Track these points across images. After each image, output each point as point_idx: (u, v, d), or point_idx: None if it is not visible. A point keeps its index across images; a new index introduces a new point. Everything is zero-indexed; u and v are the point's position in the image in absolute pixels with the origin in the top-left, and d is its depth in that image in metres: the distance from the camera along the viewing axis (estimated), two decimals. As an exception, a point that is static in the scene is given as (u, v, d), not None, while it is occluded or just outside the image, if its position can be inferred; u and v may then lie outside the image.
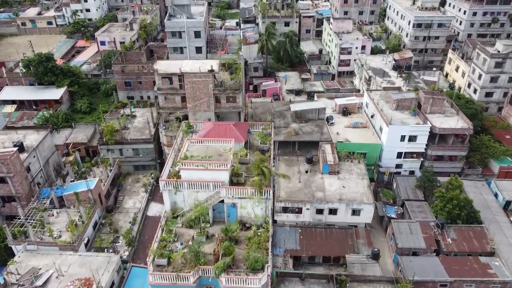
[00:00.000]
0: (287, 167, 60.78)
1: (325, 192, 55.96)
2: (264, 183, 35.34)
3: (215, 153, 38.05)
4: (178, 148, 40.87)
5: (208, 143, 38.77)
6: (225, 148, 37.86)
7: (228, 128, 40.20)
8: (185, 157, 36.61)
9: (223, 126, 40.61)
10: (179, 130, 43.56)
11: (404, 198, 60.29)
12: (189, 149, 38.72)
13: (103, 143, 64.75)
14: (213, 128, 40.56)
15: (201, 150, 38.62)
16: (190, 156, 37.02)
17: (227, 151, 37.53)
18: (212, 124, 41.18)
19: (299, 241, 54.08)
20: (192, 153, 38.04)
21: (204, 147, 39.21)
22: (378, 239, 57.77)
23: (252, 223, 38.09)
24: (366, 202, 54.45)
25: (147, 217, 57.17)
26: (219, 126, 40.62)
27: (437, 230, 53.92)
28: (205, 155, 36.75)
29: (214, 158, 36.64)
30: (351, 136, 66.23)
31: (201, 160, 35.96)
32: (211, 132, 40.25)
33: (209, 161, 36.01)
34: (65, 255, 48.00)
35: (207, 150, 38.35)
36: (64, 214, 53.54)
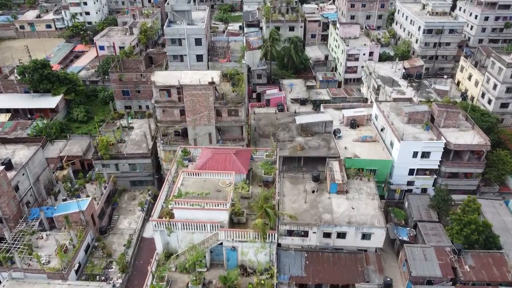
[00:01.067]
0: (292, 185, 57.16)
1: (332, 214, 52.30)
2: (268, 225, 31.62)
3: (213, 188, 34.56)
4: (173, 179, 37.18)
5: (205, 175, 35.12)
6: (225, 182, 34.20)
7: (228, 158, 36.52)
8: (178, 195, 32.97)
9: (223, 155, 36.93)
10: (174, 158, 39.87)
11: (416, 219, 56.55)
12: (184, 183, 35.09)
13: (97, 158, 61.34)
14: (212, 158, 36.91)
15: (197, 184, 35.04)
16: (184, 192, 33.37)
17: (227, 186, 33.95)
18: (211, 152, 37.52)
19: (305, 267, 50.49)
20: (188, 187, 34.40)
21: (201, 181, 35.58)
22: (389, 264, 54.12)
23: (254, 269, 34.23)
24: (377, 226, 50.74)
25: (143, 239, 53.76)
26: (218, 156, 36.94)
27: (454, 257, 50.16)
28: (201, 192, 33.06)
29: (212, 194, 32.98)
30: (359, 151, 62.54)
31: (197, 198, 32.32)
32: (209, 163, 36.55)
33: (206, 199, 32.38)
34: (53, 284, 44.62)
35: (204, 185, 34.70)
36: (56, 236, 50.15)
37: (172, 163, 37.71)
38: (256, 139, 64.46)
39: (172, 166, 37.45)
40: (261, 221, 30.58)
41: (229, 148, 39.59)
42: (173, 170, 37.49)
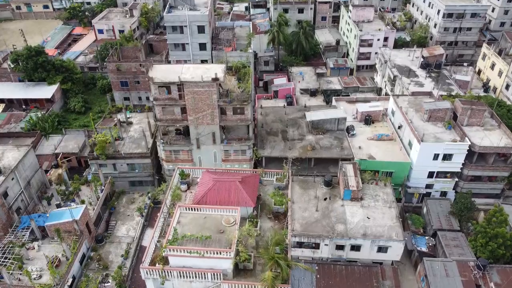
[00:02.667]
0: (302, 191, 52.84)
1: (346, 225, 48.18)
2: (280, 276, 27.38)
3: (215, 227, 30.15)
4: (168, 211, 32.78)
5: (206, 210, 30.68)
6: (228, 220, 29.86)
7: (233, 187, 31.98)
8: (174, 239, 28.76)
9: (227, 183, 32.39)
10: (170, 183, 35.20)
11: (436, 228, 52.36)
12: (180, 220, 30.81)
13: (93, 158, 57.32)
14: (213, 187, 32.46)
15: (196, 222, 30.60)
16: (181, 236, 29.10)
17: (231, 225, 29.71)
18: (212, 180, 33.05)
19: (316, 282, 46.74)
20: (185, 226, 30.14)
21: (200, 218, 31.00)
22: (406, 277, 50.33)
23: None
24: (395, 239, 46.63)
25: (141, 248, 50.08)
26: (221, 184, 32.43)
27: (478, 272, 46.17)
28: (200, 235, 28.72)
29: (213, 237, 28.72)
30: (375, 152, 57.90)
31: (196, 243, 28.09)
32: (210, 193, 32.08)
33: (207, 247, 28.14)
34: (44, 303, 41.36)
35: (204, 223, 30.35)
36: (47, 247, 46.82)
37: (168, 190, 33.25)
38: (263, 137, 59.99)
39: (167, 193, 33.03)
40: (271, 274, 26.40)
41: (234, 173, 34.52)
42: (168, 200, 32.97)
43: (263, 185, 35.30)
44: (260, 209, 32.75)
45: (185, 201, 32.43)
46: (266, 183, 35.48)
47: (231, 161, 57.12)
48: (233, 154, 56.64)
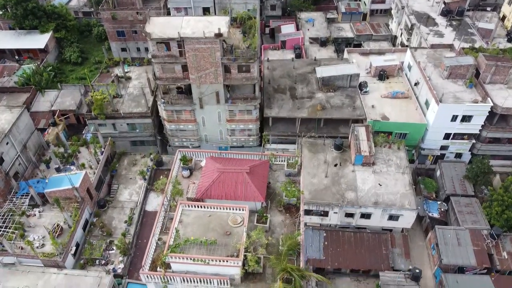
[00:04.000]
0: (311, 155, 50.44)
1: (357, 192, 46.26)
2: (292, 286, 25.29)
3: (220, 227, 27.58)
4: (169, 203, 30.09)
5: (210, 208, 28.06)
6: (235, 220, 27.31)
7: (240, 179, 28.98)
8: (175, 246, 26.39)
9: (233, 174, 29.34)
10: (171, 171, 31.95)
11: (449, 193, 50.42)
12: (183, 219, 28.37)
13: (91, 118, 54.49)
14: (218, 179, 29.55)
15: (200, 223, 27.97)
16: (183, 241, 26.71)
17: (238, 226, 27.31)
18: (217, 170, 29.99)
19: (324, 249, 45.89)
20: (187, 227, 27.74)
21: (204, 216, 28.32)
22: (416, 243, 49.32)
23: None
24: (408, 208, 44.87)
25: (145, 213, 48.89)
26: (226, 175, 29.42)
27: (491, 241, 44.89)
28: (204, 239, 26.30)
29: (219, 241, 26.37)
30: (389, 111, 54.45)
31: (200, 248, 25.84)
32: (215, 186, 29.22)
33: (211, 255, 25.82)
34: (49, 273, 40.81)
35: (208, 223, 27.93)
36: (49, 214, 45.61)
37: (169, 179, 30.30)
38: (270, 95, 56.42)
39: (167, 186, 30.23)
40: (282, 286, 24.38)
41: (241, 159, 31.13)
42: (168, 190, 30.20)
43: (272, 170, 32.56)
44: (270, 200, 30.37)
45: (188, 193, 30.05)
46: (276, 168, 32.70)
47: (236, 121, 54.20)
48: (238, 114, 53.56)
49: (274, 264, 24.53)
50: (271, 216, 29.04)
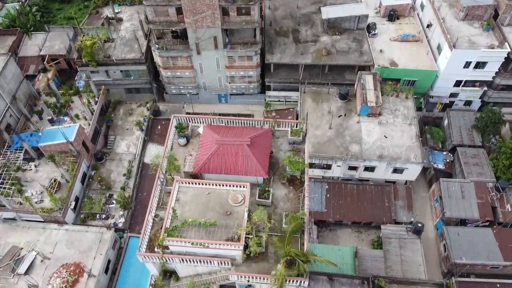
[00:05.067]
0: (315, 104, 48.36)
1: (361, 145, 44.80)
2: (295, 272, 23.94)
3: (221, 207, 26.03)
4: (165, 177, 27.90)
5: (208, 186, 26.72)
6: (236, 198, 25.42)
7: (241, 152, 26.65)
8: (173, 228, 24.75)
9: (233, 147, 26.98)
10: (166, 142, 29.27)
11: (456, 143, 48.96)
12: (180, 197, 26.50)
13: (82, 65, 51.44)
14: (217, 152, 27.22)
15: (198, 201, 26.42)
16: (181, 223, 24.99)
17: (239, 205, 25.59)
18: (215, 142, 27.41)
19: (326, 201, 45.61)
20: (185, 205, 25.92)
21: (203, 193, 26.56)
22: (419, 194, 48.87)
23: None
24: (414, 161, 43.66)
25: (144, 166, 47.91)
26: (225, 147, 27.04)
27: (495, 194, 44.27)
28: (204, 220, 24.55)
29: (219, 221, 24.74)
30: (398, 56, 51.17)
31: (198, 233, 24.23)
32: (213, 159, 26.94)
33: (211, 238, 24.28)
34: (50, 229, 40.65)
35: (207, 201, 26.22)
36: (45, 168, 44.58)
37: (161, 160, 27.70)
38: (272, 39, 52.80)
39: (162, 161, 28.01)
40: (284, 272, 23.18)
41: (241, 128, 28.39)
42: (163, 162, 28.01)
43: (275, 137, 30.45)
44: (272, 170, 28.66)
45: (185, 166, 28.33)
46: (279, 135, 30.60)
47: (236, 68, 51.25)
48: (238, 60, 50.44)
49: (278, 247, 23.67)
50: (274, 189, 27.69)
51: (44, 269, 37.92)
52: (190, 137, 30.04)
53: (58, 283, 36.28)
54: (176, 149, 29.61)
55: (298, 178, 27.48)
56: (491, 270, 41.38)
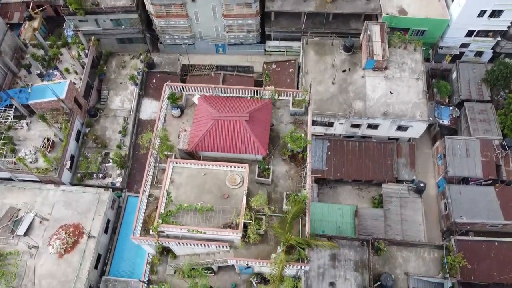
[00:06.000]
0: (317, 57, 45.79)
1: (366, 102, 42.98)
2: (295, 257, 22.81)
3: (218, 189, 24.52)
4: (158, 155, 25.80)
5: (204, 166, 24.81)
6: (234, 180, 23.61)
7: (239, 129, 24.30)
8: (167, 214, 23.16)
9: (231, 123, 24.65)
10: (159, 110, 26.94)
11: (464, 97, 47.13)
12: (174, 179, 24.65)
13: (70, 13, 48.02)
14: (213, 128, 24.93)
15: (194, 183, 24.81)
16: (176, 208, 23.34)
17: (237, 187, 23.90)
18: (211, 117, 25.04)
19: (327, 159, 44.73)
20: (180, 187, 24.13)
21: (198, 174, 24.84)
22: (422, 150, 47.89)
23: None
24: (419, 119, 42.10)
25: (140, 122, 46.42)
26: (222, 124, 24.72)
27: (501, 152, 43.27)
28: (200, 205, 22.96)
29: (216, 206, 23.16)
30: (408, 3, 47.58)
31: (194, 218, 22.75)
32: (209, 136, 24.67)
33: (208, 225, 22.80)
34: (46, 190, 40.05)
35: (204, 183, 24.50)
36: (38, 125, 43.08)
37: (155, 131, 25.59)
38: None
39: (154, 139, 25.77)
40: (284, 259, 22.04)
41: (239, 100, 25.70)
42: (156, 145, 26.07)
43: (275, 107, 28.23)
44: (272, 145, 26.87)
45: (179, 143, 26.47)
46: (280, 105, 28.32)
47: (234, 16, 47.93)
48: (236, 7, 47.00)
49: (278, 233, 22.73)
50: (274, 166, 26.23)
51: (43, 230, 37.83)
52: (185, 108, 28.13)
53: (58, 244, 36.28)
54: (170, 121, 27.85)
55: (301, 156, 25.98)
56: (490, 228, 41.54)
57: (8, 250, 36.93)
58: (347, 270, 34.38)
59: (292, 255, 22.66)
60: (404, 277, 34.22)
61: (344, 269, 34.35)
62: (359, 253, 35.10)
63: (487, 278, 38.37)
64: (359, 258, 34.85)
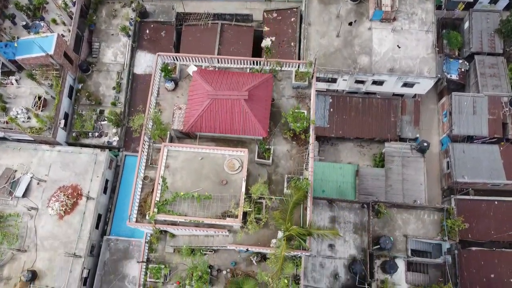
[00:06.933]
0: (321, 7, 42.76)
1: (371, 57, 40.78)
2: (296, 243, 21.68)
3: (215, 175, 23.15)
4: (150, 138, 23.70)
5: (200, 150, 23.01)
6: (232, 165, 21.85)
7: (237, 108, 22.01)
8: (163, 203, 21.59)
9: (228, 102, 22.33)
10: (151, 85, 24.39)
11: (475, 50, 44.79)
12: (170, 163, 22.83)
13: (52, -44, 43.95)
14: (210, 107, 22.65)
15: (190, 168, 23.33)
16: (172, 196, 21.77)
17: (236, 172, 22.23)
18: (207, 96, 22.56)
19: (329, 116, 43.51)
20: (176, 173, 22.44)
21: (195, 159, 23.29)
22: (427, 106, 46.47)
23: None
24: (427, 75, 40.19)
25: (135, 77, 44.53)
26: (219, 103, 22.41)
27: (509, 109, 41.91)
28: (197, 194, 21.44)
29: (214, 194, 21.62)
30: None
31: (191, 206, 21.32)
32: (205, 117, 22.43)
33: (206, 215, 21.39)
34: (42, 150, 39.21)
35: (201, 168, 22.94)
36: (28, 83, 41.25)
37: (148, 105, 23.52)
38: None
39: (146, 121, 23.56)
40: (285, 248, 21.03)
41: (237, 74, 23.03)
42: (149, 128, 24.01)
43: (277, 79, 25.93)
44: (273, 121, 25.02)
45: (173, 123, 24.55)
46: (282, 76, 25.95)
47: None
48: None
49: (279, 223, 21.93)
50: (275, 145, 24.80)
51: (41, 192, 37.54)
52: (179, 80, 26.15)
53: (57, 207, 36.16)
54: (164, 95, 26.00)
55: (303, 138, 24.34)
56: (491, 187, 41.33)
57: (8, 212, 36.89)
58: (346, 232, 34.56)
59: (293, 241, 22.29)
60: (402, 239, 34.47)
61: (343, 231, 34.49)
62: (359, 216, 35.11)
63: (484, 237, 38.96)
64: (358, 221, 34.91)
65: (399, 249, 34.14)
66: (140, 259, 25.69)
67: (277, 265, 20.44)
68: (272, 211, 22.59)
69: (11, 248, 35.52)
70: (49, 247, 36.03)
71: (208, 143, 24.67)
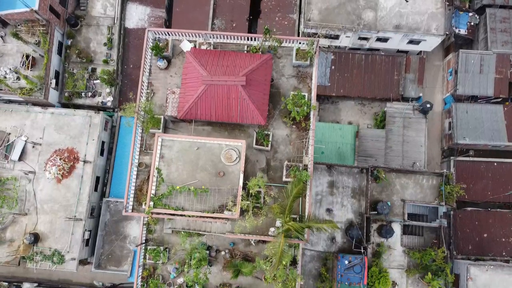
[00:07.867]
0: (325, -45, 39.40)
1: (377, 12, 38.39)
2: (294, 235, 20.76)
3: (212, 166, 22.03)
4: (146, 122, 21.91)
5: (196, 140, 21.66)
6: (230, 157, 20.38)
7: (234, 95, 19.99)
8: (159, 198, 20.20)
9: (225, 88, 20.22)
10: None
11: (487, 2, 42.18)
12: (164, 154, 21.18)
13: None
14: (205, 94, 20.52)
15: (186, 158, 22.15)
16: (168, 190, 20.48)
17: (233, 163, 20.76)
18: (202, 81, 20.30)
19: (330, 74, 41.99)
20: (171, 164, 21.04)
21: (191, 149, 22.09)
22: (432, 63, 44.71)
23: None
24: (435, 33, 38.13)
25: (127, 32, 42.26)
26: (215, 89, 20.28)
27: (516, 67, 40.37)
28: (194, 188, 20.15)
29: (211, 187, 20.36)
30: None
31: (187, 200, 20.11)
32: (201, 104, 20.39)
33: (203, 211, 20.26)
34: (35, 113, 38.15)
35: (197, 158, 21.68)
36: (13, 40, 39.15)
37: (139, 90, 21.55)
38: None
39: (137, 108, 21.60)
40: (283, 243, 20.30)
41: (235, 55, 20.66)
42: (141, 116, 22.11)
43: (276, 57, 23.82)
44: (272, 104, 23.41)
45: (167, 109, 22.83)
46: (282, 53, 23.75)
47: None
48: None
49: (277, 216, 21.31)
50: (274, 129, 23.52)
51: (37, 155, 37.08)
52: (172, 57, 24.24)
53: (54, 171, 35.92)
54: (156, 74, 24.22)
55: (303, 126, 22.96)
56: (492, 148, 41.01)
57: (5, 175, 36.68)
58: (344, 197, 34.71)
59: (291, 231, 22.11)
60: (400, 203, 34.70)
61: (341, 196, 34.65)
62: (357, 180, 35.05)
63: (480, 197, 39.34)
64: (357, 185, 34.91)
65: (396, 213, 34.50)
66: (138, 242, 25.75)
67: (275, 256, 20.59)
68: (271, 198, 22.36)
69: (12, 212, 35.79)
70: (49, 210, 36.31)
71: (204, 126, 23.64)
